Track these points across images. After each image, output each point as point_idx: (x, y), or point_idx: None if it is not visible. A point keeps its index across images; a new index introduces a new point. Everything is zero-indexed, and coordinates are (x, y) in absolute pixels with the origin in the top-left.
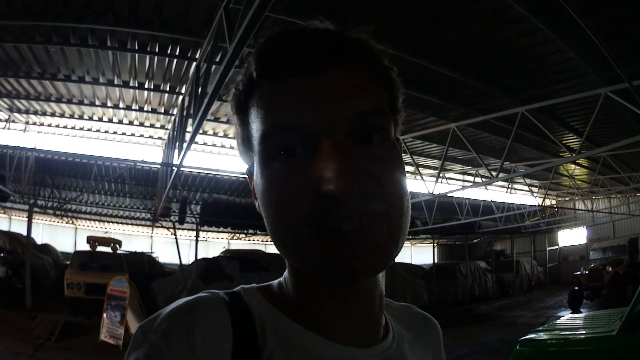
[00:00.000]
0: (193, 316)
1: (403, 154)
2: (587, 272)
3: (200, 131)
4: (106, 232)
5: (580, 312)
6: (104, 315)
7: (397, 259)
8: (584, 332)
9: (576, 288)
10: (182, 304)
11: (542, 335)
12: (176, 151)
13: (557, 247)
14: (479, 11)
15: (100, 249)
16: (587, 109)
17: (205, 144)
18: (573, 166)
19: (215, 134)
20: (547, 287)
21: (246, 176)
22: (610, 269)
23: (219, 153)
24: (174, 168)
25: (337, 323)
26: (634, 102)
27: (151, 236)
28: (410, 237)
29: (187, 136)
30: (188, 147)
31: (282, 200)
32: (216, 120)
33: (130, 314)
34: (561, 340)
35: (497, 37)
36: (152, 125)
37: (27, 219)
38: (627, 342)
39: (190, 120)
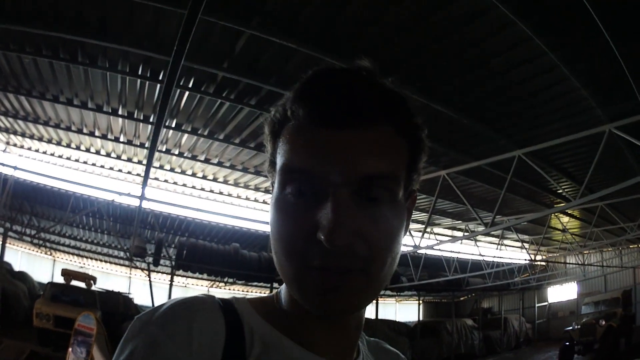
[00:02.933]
0: (192, 312)
1: None
2: (578, 326)
3: (175, 169)
4: (82, 267)
5: None
6: (70, 349)
7: (381, 316)
8: None
9: (567, 343)
10: (181, 300)
11: None
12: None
13: (546, 303)
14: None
15: (75, 283)
16: (586, 151)
17: (184, 185)
18: (566, 219)
19: (193, 175)
20: (536, 344)
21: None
22: (604, 322)
23: (199, 196)
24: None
25: (320, 341)
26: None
27: (129, 276)
28: (395, 293)
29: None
30: (146, 179)
31: (284, 233)
32: (193, 158)
33: (97, 350)
34: None
35: (489, 67)
36: (129, 159)
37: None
38: None
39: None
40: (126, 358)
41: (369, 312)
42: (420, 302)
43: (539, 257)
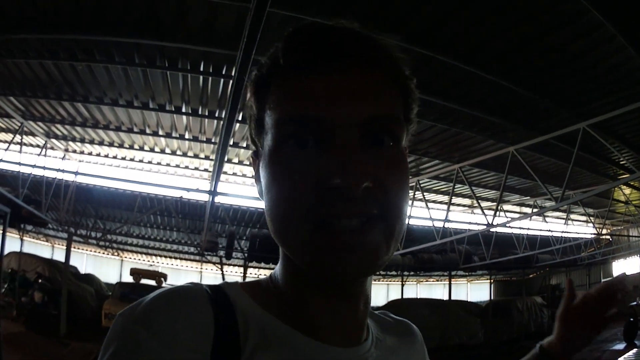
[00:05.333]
0: (177, 305)
1: (461, 185)
2: None
3: (244, 162)
4: (152, 265)
5: (635, 345)
6: None
7: (454, 297)
8: None
9: (631, 320)
10: (165, 292)
11: None
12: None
13: (611, 278)
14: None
15: (145, 281)
16: None
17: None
18: (629, 190)
19: None
20: None
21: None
22: None
23: None
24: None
25: (322, 322)
26: None
27: (200, 271)
28: (467, 273)
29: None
30: (219, 174)
31: (287, 188)
32: None
33: None
34: None
35: (549, 40)
36: (196, 156)
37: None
38: None
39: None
40: None
41: (443, 294)
42: (491, 281)
43: (604, 231)
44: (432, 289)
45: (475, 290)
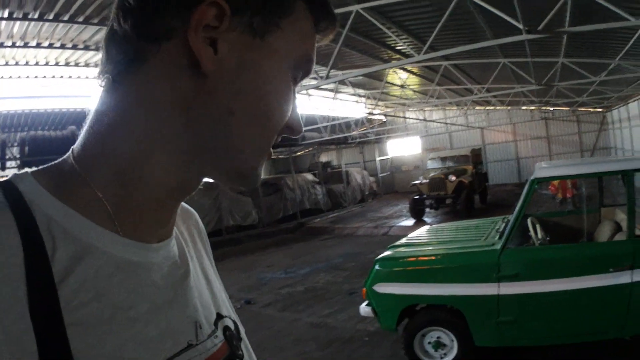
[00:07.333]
0: None
1: None
2: (427, 181)
3: (9, 62)
4: None
5: (425, 222)
6: None
7: None
8: (452, 246)
9: (417, 197)
10: None
11: (403, 251)
12: None
13: (388, 157)
14: None
15: None
16: (431, 11)
17: (19, 77)
18: (406, 75)
19: (27, 64)
20: (382, 197)
21: None
22: (454, 178)
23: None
24: None
25: (144, 225)
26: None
27: None
28: None
29: None
30: None
31: (282, 113)
32: (25, 45)
33: None
34: (430, 256)
35: None
36: None
37: None
38: (513, 258)
39: None
40: None
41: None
42: None
43: (377, 111)
44: None
45: None
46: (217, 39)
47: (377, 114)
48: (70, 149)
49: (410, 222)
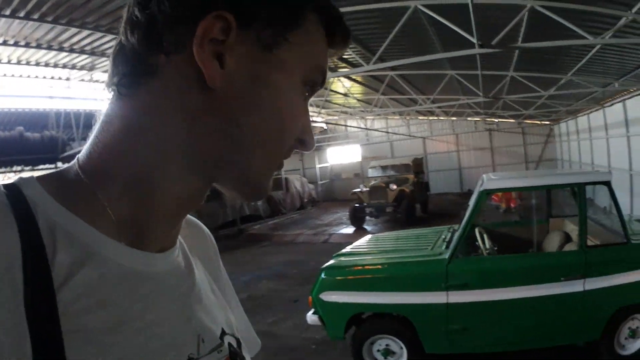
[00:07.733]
0: None
1: None
2: (367, 189)
3: None
4: None
5: (365, 230)
6: None
7: None
8: (398, 255)
9: (357, 205)
10: None
11: (349, 260)
12: None
13: (328, 164)
14: None
15: None
16: (382, 22)
17: None
18: (350, 83)
19: None
20: (322, 205)
21: None
22: (395, 187)
23: None
24: None
25: (152, 230)
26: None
27: None
28: None
29: None
30: None
31: (293, 126)
32: None
33: None
34: (376, 265)
35: None
36: None
37: None
38: (461, 267)
39: None
40: None
41: None
42: None
43: (319, 119)
44: None
45: None
46: (223, 53)
47: (319, 122)
48: (76, 158)
49: (350, 229)
